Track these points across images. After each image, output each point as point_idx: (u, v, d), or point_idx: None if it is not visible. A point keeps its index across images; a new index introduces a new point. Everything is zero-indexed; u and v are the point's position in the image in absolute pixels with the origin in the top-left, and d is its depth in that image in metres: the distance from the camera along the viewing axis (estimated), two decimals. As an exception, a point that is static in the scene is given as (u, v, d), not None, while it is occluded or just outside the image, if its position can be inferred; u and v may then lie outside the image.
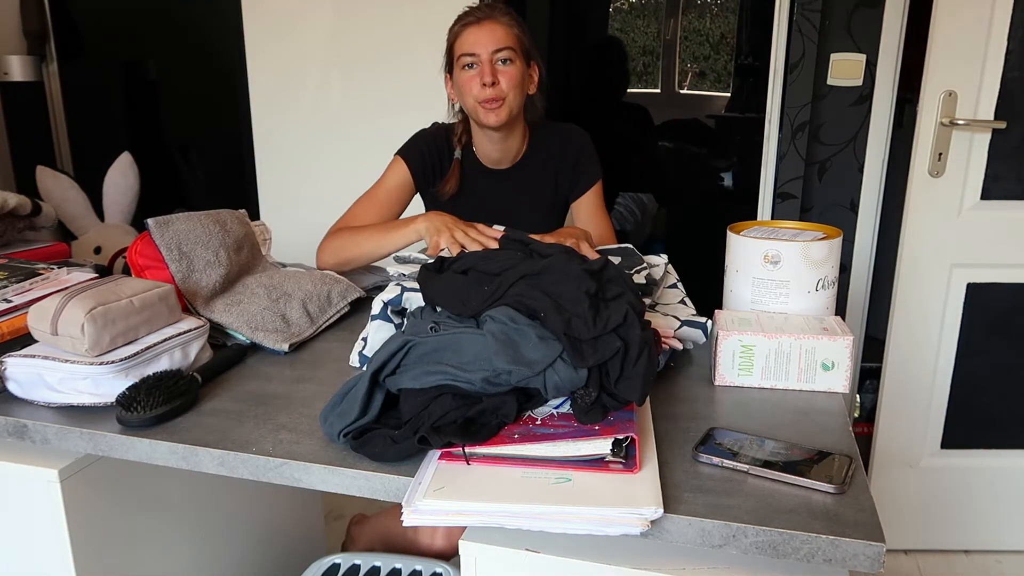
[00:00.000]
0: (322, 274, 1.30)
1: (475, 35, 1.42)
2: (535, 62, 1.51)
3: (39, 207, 1.53)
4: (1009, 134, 1.80)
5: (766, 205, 2.26)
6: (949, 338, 1.94)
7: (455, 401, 0.82)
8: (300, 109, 2.41)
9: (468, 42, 1.43)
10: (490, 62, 1.41)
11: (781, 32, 2.12)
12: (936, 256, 1.89)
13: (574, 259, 0.95)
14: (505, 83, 1.42)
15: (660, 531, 0.73)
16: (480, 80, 1.42)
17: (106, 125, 2.80)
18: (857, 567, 0.69)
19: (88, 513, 1.00)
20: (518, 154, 1.57)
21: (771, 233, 1.13)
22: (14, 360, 0.95)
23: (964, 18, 1.73)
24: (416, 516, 0.73)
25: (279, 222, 2.44)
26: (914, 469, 2.03)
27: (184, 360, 1.03)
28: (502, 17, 1.44)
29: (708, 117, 2.51)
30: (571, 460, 0.78)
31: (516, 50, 1.44)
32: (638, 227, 2.62)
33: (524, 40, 1.46)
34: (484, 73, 1.41)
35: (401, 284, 1.05)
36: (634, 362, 0.82)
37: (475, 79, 1.43)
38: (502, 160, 1.56)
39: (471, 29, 1.43)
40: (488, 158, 1.56)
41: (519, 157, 1.57)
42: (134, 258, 1.14)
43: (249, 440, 0.87)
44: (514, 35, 1.44)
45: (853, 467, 0.78)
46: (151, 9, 2.65)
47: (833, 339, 0.97)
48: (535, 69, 1.51)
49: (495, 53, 1.42)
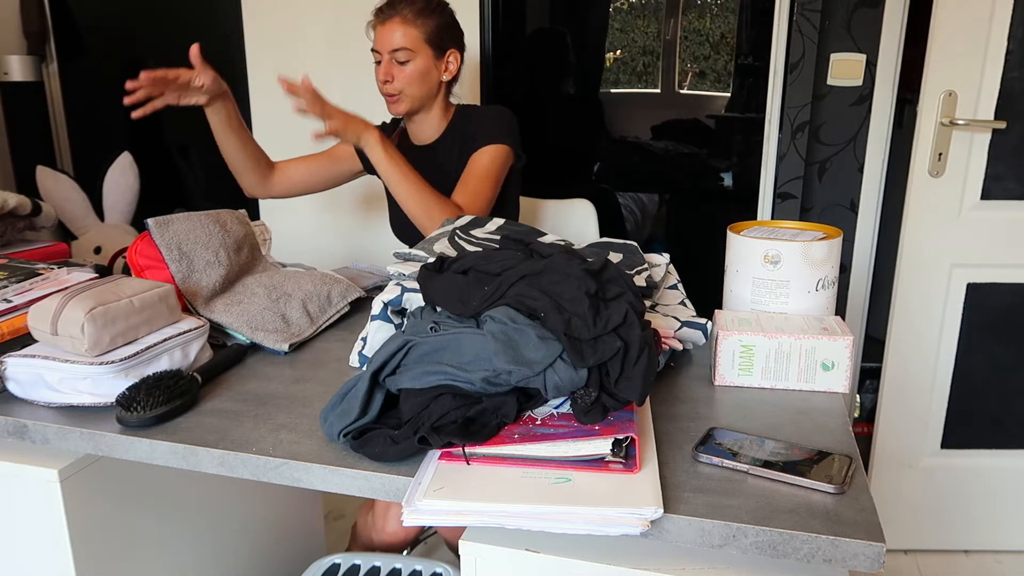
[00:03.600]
0: (322, 274, 1.30)
1: (379, 33, 1.55)
2: (452, 49, 1.60)
3: (39, 207, 1.53)
4: (1009, 134, 1.81)
5: (766, 205, 2.26)
6: (949, 338, 1.94)
7: (455, 401, 0.82)
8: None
9: (376, 38, 1.56)
10: (388, 61, 1.55)
11: (781, 32, 2.12)
12: (936, 256, 1.89)
13: (574, 259, 0.95)
14: (400, 80, 1.55)
15: (660, 531, 0.73)
16: (379, 76, 1.56)
17: (106, 125, 2.80)
18: (857, 567, 0.69)
19: (88, 513, 1.00)
20: (437, 132, 1.67)
21: (771, 233, 1.13)
22: (14, 360, 0.95)
23: (964, 18, 1.73)
24: (416, 516, 0.73)
25: (279, 222, 2.44)
26: (914, 469, 2.03)
27: (184, 360, 1.03)
28: (408, 12, 1.53)
29: (708, 117, 2.51)
30: (571, 460, 0.78)
31: (414, 48, 1.54)
32: (638, 227, 2.62)
33: (432, 33, 1.55)
34: (381, 71, 1.56)
35: (401, 284, 1.05)
36: (634, 362, 0.82)
37: (379, 73, 1.57)
38: (423, 137, 1.69)
39: (377, 27, 1.56)
40: (413, 135, 1.70)
41: (438, 136, 1.67)
42: (134, 258, 1.14)
43: (249, 440, 0.87)
44: (415, 33, 1.53)
45: (853, 467, 0.78)
46: (151, 9, 2.65)
47: (833, 339, 0.97)
48: (452, 56, 1.60)
49: (393, 52, 1.54)
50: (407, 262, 1.13)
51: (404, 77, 1.55)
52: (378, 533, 1.40)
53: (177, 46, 2.67)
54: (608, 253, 1.20)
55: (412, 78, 1.55)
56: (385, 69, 1.55)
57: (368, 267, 1.54)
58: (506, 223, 1.31)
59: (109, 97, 2.78)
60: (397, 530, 1.38)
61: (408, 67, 1.54)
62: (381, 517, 1.40)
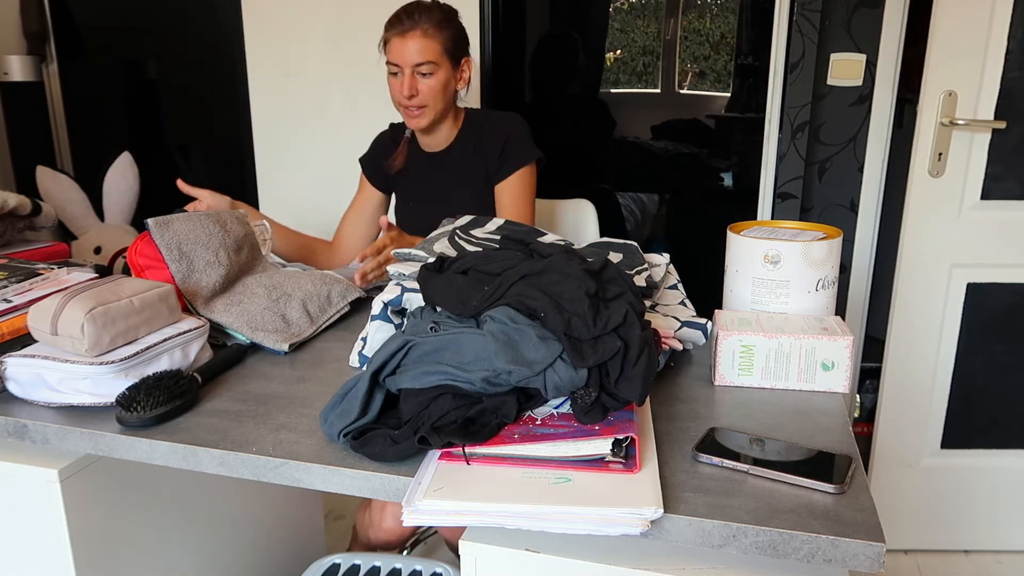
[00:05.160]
0: (322, 274, 1.30)
1: (399, 46, 1.52)
2: (466, 57, 1.61)
3: (39, 207, 1.53)
4: (1009, 134, 1.81)
5: (766, 205, 2.26)
6: (949, 338, 1.94)
7: (455, 401, 0.82)
8: (300, 109, 2.41)
9: (393, 51, 1.53)
10: (411, 75, 1.52)
11: (781, 32, 2.12)
12: (936, 256, 1.89)
13: (574, 259, 0.95)
14: (425, 93, 1.54)
15: (660, 531, 0.73)
16: (400, 89, 1.54)
17: (106, 125, 2.80)
18: (857, 567, 0.69)
19: (88, 513, 1.00)
20: (449, 139, 1.68)
21: (771, 233, 1.13)
22: (14, 360, 0.95)
23: (964, 18, 1.73)
24: (416, 516, 0.73)
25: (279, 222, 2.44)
26: (914, 469, 2.03)
27: (184, 360, 1.03)
28: (427, 25, 1.51)
29: (708, 117, 2.51)
30: (571, 460, 0.78)
31: (437, 61, 1.53)
32: (638, 227, 2.62)
33: (450, 44, 1.54)
34: (404, 85, 1.53)
35: (401, 284, 1.05)
36: (634, 362, 0.82)
37: (397, 85, 1.55)
38: (435, 144, 1.69)
39: (396, 40, 1.52)
40: (424, 142, 1.70)
41: (451, 143, 1.68)
42: (134, 258, 1.14)
43: (249, 440, 0.87)
44: (436, 46, 1.52)
45: (853, 467, 0.78)
46: (151, 9, 2.65)
47: (833, 339, 0.97)
48: (466, 66, 1.62)
49: (416, 67, 1.52)
50: (407, 262, 1.13)
51: (428, 90, 1.53)
52: (375, 530, 1.40)
53: (177, 46, 2.68)
54: (608, 253, 1.20)
55: (436, 91, 1.54)
56: (409, 83, 1.52)
57: (368, 267, 1.54)
58: (506, 223, 1.31)
59: (109, 97, 2.79)
60: (393, 527, 1.38)
61: (431, 80, 1.53)
62: (378, 514, 1.40)
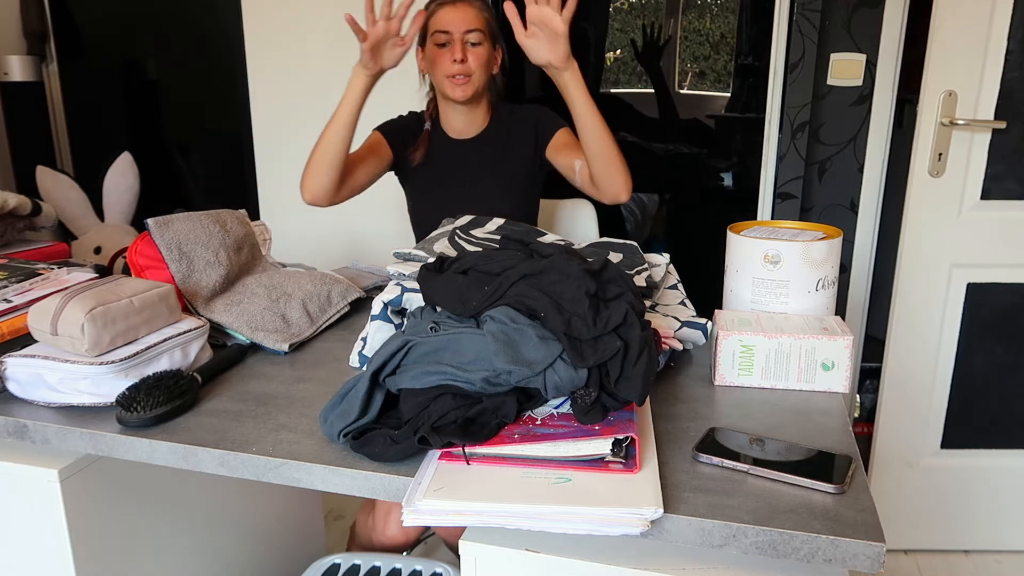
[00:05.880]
0: (322, 274, 1.30)
1: (450, 15, 1.57)
2: (500, 45, 1.66)
3: (39, 207, 1.53)
4: (1009, 134, 1.81)
5: (766, 205, 2.26)
6: (949, 338, 1.94)
7: (455, 401, 0.82)
8: (300, 109, 2.41)
9: (442, 20, 1.57)
10: (461, 41, 1.56)
11: (781, 32, 2.12)
12: (936, 256, 1.89)
13: (574, 259, 0.95)
14: (473, 61, 1.57)
15: (660, 531, 0.73)
16: (451, 56, 1.56)
17: (106, 125, 2.80)
18: (857, 567, 0.69)
19: (88, 513, 1.00)
20: (481, 127, 1.70)
21: (771, 233, 1.13)
22: (14, 360, 0.95)
23: (964, 18, 1.73)
24: (416, 516, 0.73)
25: (279, 222, 2.44)
26: (914, 469, 2.03)
27: (184, 360, 1.03)
28: (475, 1, 1.59)
29: (708, 117, 2.51)
30: (571, 460, 0.78)
31: (484, 32, 1.59)
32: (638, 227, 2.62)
33: (492, 24, 1.62)
34: (455, 51, 1.56)
35: (401, 284, 1.05)
36: (634, 362, 0.82)
37: (446, 55, 1.57)
38: (465, 131, 1.69)
39: (447, 8, 1.58)
40: (453, 129, 1.70)
41: (482, 130, 1.70)
42: (134, 258, 1.14)
43: (249, 440, 0.87)
44: (484, 18, 1.59)
45: (853, 467, 0.78)
46: (151, 9, 2.65)
47: (833, 339, 0.97)
48: (499, 51, 1.66)
49: (466, 33, 1.56)
50: (407, 262, 1.13)
51: (476, 58, 1.58)
52: (378, 536, 1.39)
53: (177, 46, 2.68)
54: (608, 253, 1.20)
55: (482, 60, 1.59)
56: (460, 49, 1.56)
57: (368, 267, 1.54)
58: (506, 223, 1.31)
59: (109, 97, 2.79)
60: (397, 533, 1.38)
61: (479, 49, 1.58)
62: (382, 520, 1.39)
